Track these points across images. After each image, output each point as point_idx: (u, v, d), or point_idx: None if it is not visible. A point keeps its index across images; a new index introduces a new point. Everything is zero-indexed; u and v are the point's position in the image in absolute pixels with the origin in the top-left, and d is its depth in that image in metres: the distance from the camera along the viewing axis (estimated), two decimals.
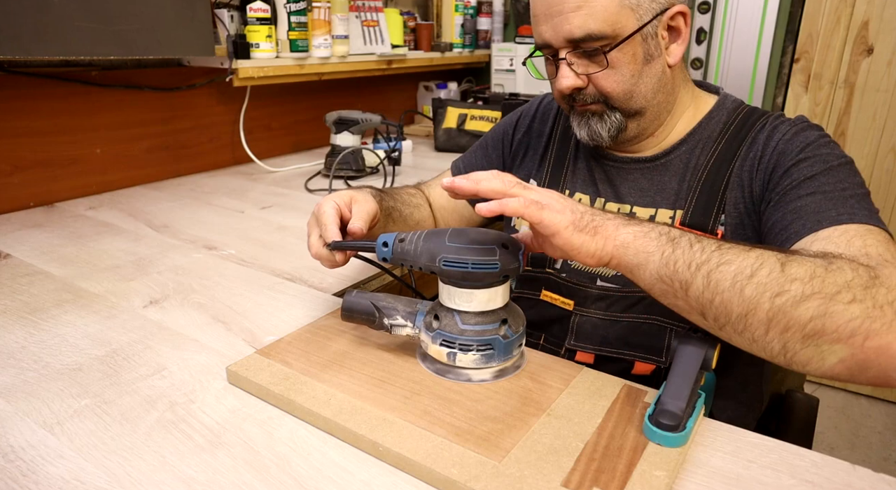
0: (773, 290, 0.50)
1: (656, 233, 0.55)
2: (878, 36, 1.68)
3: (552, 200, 0.56)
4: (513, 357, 0.63)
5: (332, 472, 0.51)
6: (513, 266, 0.59)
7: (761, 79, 1.84)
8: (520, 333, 0.63)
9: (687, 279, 0.53)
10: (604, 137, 0.77)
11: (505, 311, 0.62)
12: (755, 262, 0.51)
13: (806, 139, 0.70)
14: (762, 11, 1.79)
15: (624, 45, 0.71)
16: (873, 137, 1.75)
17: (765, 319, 0.50)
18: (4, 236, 1.05)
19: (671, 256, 0.54)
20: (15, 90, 1.17)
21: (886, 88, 1.70)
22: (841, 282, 0.49)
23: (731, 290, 0.51)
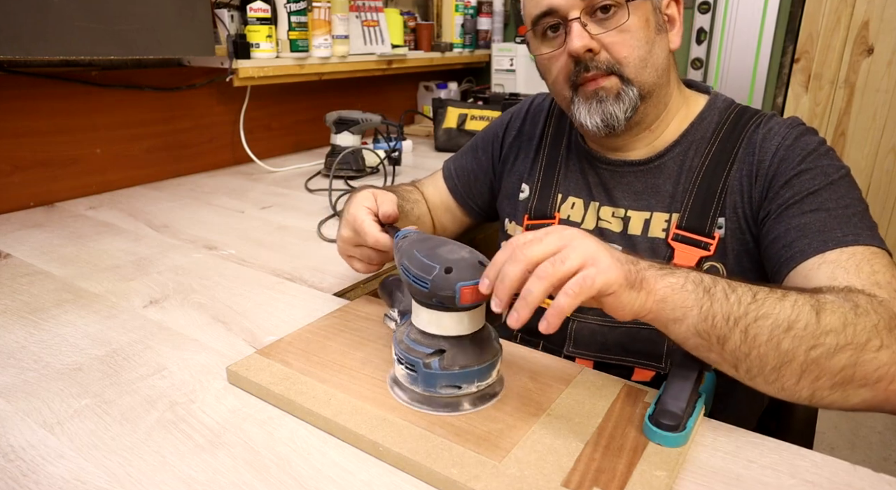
0: (809, 343, 0.50)
1: (692, 284, 0.53)
2: (879, 36, 1.68)
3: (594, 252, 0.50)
4: (440, 395, 0.56)
5: (332, 472, 0.51)
6: (443, 293, 0.53)
7: (761, 79, 1.84)
8: (454, 375, 0.56)
9: (725, 334, 0.51)
10: (620, 119, 0.72)
11: (448, 343, 0.56)
12: (791, 313, 0.51)
13: (806, 147, 0.69)
14: (762, 11, 1.79)
15: (639, 6, 0.70)
16: (873, 137, 1.75)
17: (798, 371, 0.51)
18: (4, 236, 1.05)
19: (710, 310, 0.52)
20: (15, 90, 1.17)
21: (886, 88, 1.70)
22: (870, 326, 0.50)
23: (767, 344, 0.51)
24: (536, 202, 0.87)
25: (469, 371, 0.56)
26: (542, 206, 0.86)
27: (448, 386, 0.56)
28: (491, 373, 0.58)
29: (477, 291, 0.53)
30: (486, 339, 0.58)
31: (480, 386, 0.57)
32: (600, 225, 0.80)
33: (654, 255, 0.76)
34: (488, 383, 0.58)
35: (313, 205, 1.29)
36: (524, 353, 0.68)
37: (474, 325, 0.57)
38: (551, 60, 0.75)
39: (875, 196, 1.77)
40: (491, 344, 0.58)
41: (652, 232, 0.76)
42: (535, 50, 0.77)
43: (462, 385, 0.56)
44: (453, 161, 1.01)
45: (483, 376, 0.57)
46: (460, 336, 0.57)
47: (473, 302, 0.54)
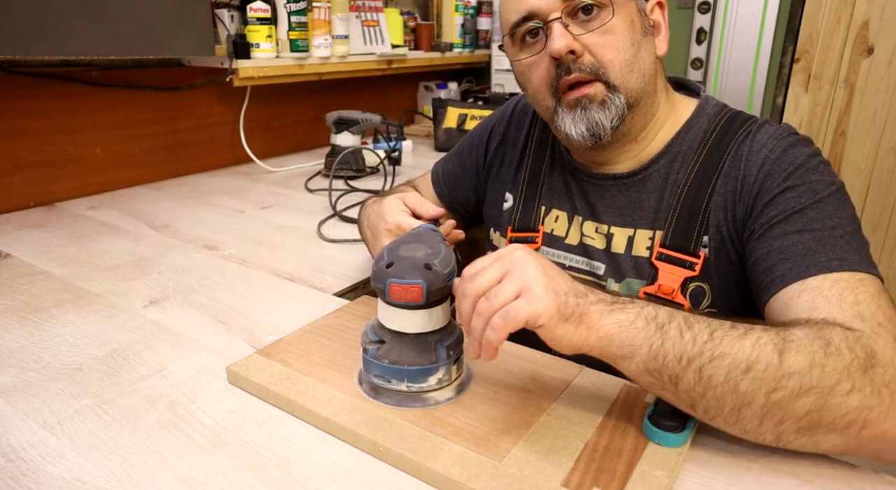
0: (769, 386, 0.47)
1: (643, 320, 0.50)
2: (879, 36, 1.68)
3: (527, 273, 0.50)
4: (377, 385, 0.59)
5: (332, 472, 0.51)
6: (377, 285, 0.56)
7: (761, 79, 1.84)
8: (382, 367, 0.58)
9: (677, 374, 0.49)
10: (606, 128, 0.68)
11: (389, 336, 0.58)
12: (751, 352, 0.48)
13: (794, 160, 0.65)
14: (762, 11, 1.79)
15: (624, 5, 0.67)
16: (873, 137, 1.75)
17: (759, 413, 0.48)
18: (4, 236, 1.05)
19: (660, 349, 0.49)
20: (15, 90, 1.17)
21: (887, 88, 1.70)
22: (840, 367, 0.47)
23: (724, 386, 0.48)
24: (520, 214, 0.84)
25: (398, 369, 0.57)
26: (525, 218, 0.83)
27: (378, 376, 0.58)
28: (427, 378, 0.57)
29: (407, 291, 0.54)
30: (429, 344, 0.58)
31: (412, 387, 0.57)
32: (584, 241, 0.78)
33: (638, 274, 0.73)
34: (422, 387, 0.58)
35: (313, 205, 1.29)
36: (524, 353, 0.68)
37: (417, 326, 0.57)
38: (531, 67, 0.71)
39: (875, 196, 1.77)
40: (433, 351, 0.58)
41: (636, 250, 0.73)
42: (514, 56, 0.73)
43: (392, 380, 0.58)
44: (441, 164, 0.99)
45: (414, 378, 0.57)
46: (403, 333, 0.58)
47: (402, 301, 0.55)
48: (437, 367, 0.58)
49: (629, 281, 0.74)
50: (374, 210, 0.81)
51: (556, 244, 0.80)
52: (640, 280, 0.73)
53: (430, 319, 0.57)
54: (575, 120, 0.69)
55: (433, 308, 0.57)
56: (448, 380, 0.59)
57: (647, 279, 0.72)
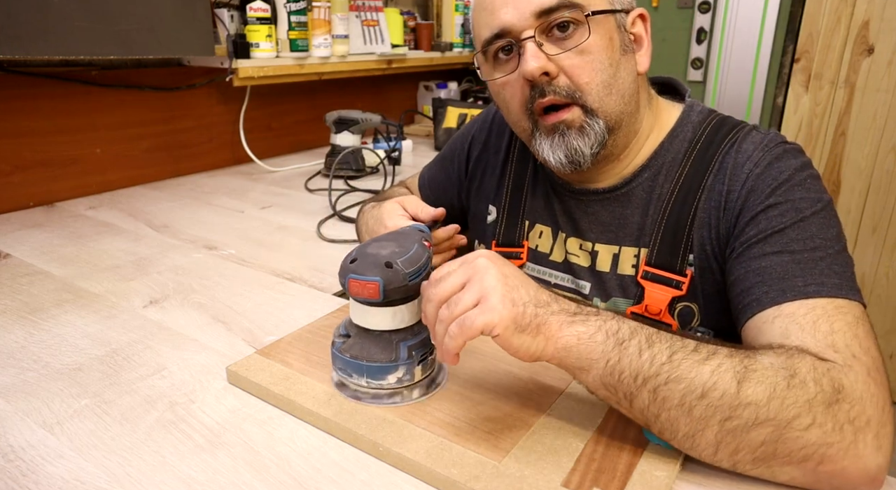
0: (723, 414, 0.46)
1: (603, 334, 0.49)
2: (879, 36, 1.68)
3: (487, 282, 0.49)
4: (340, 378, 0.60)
5: (332, 472, 0.51)
6: (341, 281, 0.57)
7: (761, 79, 1.84)
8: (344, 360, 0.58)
9: (632, 391, 0.48)
10: (585, 155, 0.65)
11: (355, 331, 0.59)
12: (709, 379, 0.46)
13: (779, 175, 0.62)
14: (762, 11, 1.79)
15: (601, 22, 0.63)
16: (873, 137, 1.75)
17: (713, 441, 0.47)
18: (4, 236, 1.05)
19: (616, 366, 0.48)
20: (15, 90, 1.17)
21: (887, 88, 1.70)
22: (802, 401, 0.46)
23: (678, 409, 0.47)
24: (504, 228, 0.82)
25: (357, 364, 0.58)
26: (509, 232, 0.81)
27: (341, 369, 0.59)
28: (386, 376, 0.57)
29: (363, 288, 0.55)
30: (391, 342, 0.58)
31: (371, 384, 0.58)
32: (569, 258, 0.76)
33: (624, 293, 0.71)
34: (381, 385, 0.58)
35: (313, 205, 1.29)
36: None
37: (379, 323, 0.58)
38: (504, 86, 0.67)
39: (875, 196, 1.77)
40: (393, 350, 0.58)
41: (621, 268, 0.71)
42: (487, 75, 0.70)
43: (352, 374, 0.58)
44: (427, 170, 0.97)
45: (373, 375, 0.57)
46: (367, 330, 0.58)
47: (360, 297, 0.56)
48: (396, 366, 0.58)
49: (615, 300, 0.72)
50: (372, 215, 0.80)
51: (541, 261, 0.79)
52: (626, 299, 0.71)
53: (394, 318, 0.58)
54: (553, 146, 0.66)
55: (396, 307, 0.57)
56: (410, 380, 0.58)
57: (633, 298, 0.71)
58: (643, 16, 0.69)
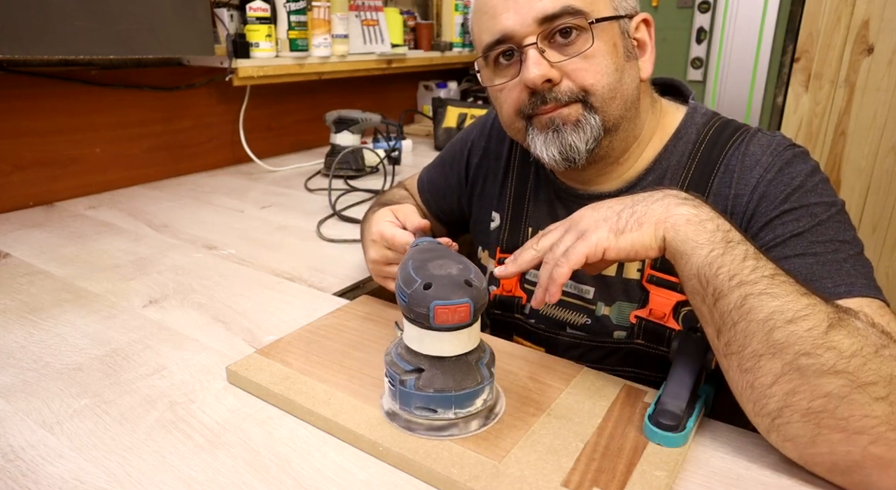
0: (803, 347, 0.44)
1: (714, 225, 0.49)
2: (879, 35, 1.68)
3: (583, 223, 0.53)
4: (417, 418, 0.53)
5: (332, 472, 0.51)
6: (418, 310, 0.50)
7: (761, 78, 1.84)
8: (428, 397, 0.52)
9: (722, 290, 0.47)
10: (581, 151, 0.64)
11: (427, 363, 0.53)
12: (802, 309, 0.45)
13: (791, 180, 0.61)
14: (762, 11, 1.79)
15: (605, 28, 0.62)
16: (873, 137, 1.74)
17: (778, 371, 0.45)
18: (4, 236, 1.05)
19: (717, 259, 0.48)
20: (15, 90, 1.17)
21: (887, 88, 1.70)
22: (884, 373, 0.43)
23: (760, 324, 0.46)
24: (508, 234, 0.81)
25: (446, 396, 0.52)
26: (513, 239, 0.81)
27: (422, 408, 0.53)
28: (473, 401, 0.53)
29: (454, 313, 0.49)
30: (471, 364, 0.53)
31: (459, 414, 0.53)
32: None
33: (628, 297, 0.71)
34: (470, 411, 0.53)
35: (313, 204, 1.29)
36: (524, 353, 0.67)
37: (458, 347, 0.52)
38: (503, 91, 0.67)
39: (875, 196, 1.77)
40: (476, 371, 0.53)
41: (627, 273, 0.71)
42: (487, 81, 0.69)
43: (437, 410, 0.52)
44: (426, 172, 0.96)
45: (462, 404, 0.53)
46: (442, 357, 0.53)
47: (449, 323, 0.50)
48: (482, 388, 0.53)
49: (620, 304, 0.72)
50: (368, 221, 0.79)
51: None
52: (630, 303, 0.71)
53: (471, 338, 0.53)
54: (546, 142, 0.65)
55: (473, 326, 0.53)
56: (491, 399, 0.55)
57: (637, 302, 0.70)
58: (647, 21, 0.68)
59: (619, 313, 0.72)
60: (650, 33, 0.69)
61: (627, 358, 0.72)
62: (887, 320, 0.52)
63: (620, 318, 0.72)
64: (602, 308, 0.73)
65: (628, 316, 0.71)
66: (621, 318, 0.71)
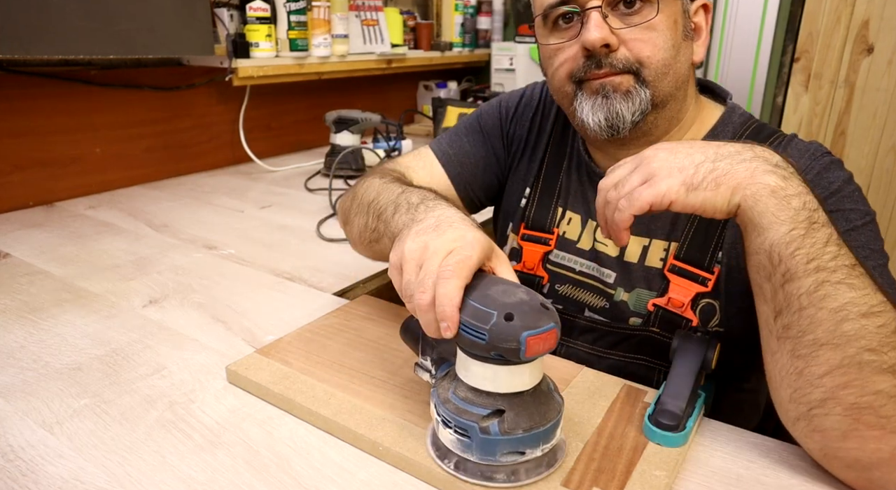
0: (869, 343, 0.43)
1: (800, 201, 0.46)
2: (879, 35, 1.68)
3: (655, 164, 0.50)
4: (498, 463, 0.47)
5: (332, 472, 0.50)
6: (505, 346, 0.43)
7: (761, 78, 1.84)
8: (517, 440, 0.46)
9: (797, 272, 0.45)
10: (626, 120, 0.64)
11: (506, 402, 0.47)
12: (877, 305, 0.44)
13: (830, 185, 0.61)
14: (762, 11, 1.79)
15: (669, 3, 0.62)
16: (873, 137, 1.74)
17: (836, 363, 0.44)
18: (4, 236, 1.05)
19: (796, 239, 0.45)
20: (15, 90, 1.17)
21: (887, 88, 1.70)
22: None
23: (831, 313, 0.44)
24: (535, 212, 0.80)
25: (535, 433, 0.47)
26: (540, 217, 0.80)
27: (510, 452, 0.47)
28: (556, 431, 0.48)
29: (545, 341, 0.44)
30: (547, 391, 0.49)
31: (545, 449, 0.48)
32: (597, 247, 0.75)
33: (648, 285, 0.71)
34: (553, 444, 0.49)
35: (313, 204, 1.28)
36: None
37: (535, 377, 0.48)
38: (557, 52, 0.67)
39: (875, 196, 1.77)
40: (553, 397, 0.49)
41: (649, 261, 0.71)
42: (543, 39, 0.68)
43: (526, 450, 0.47)
44: (449, 145, 0.86)
45: (548, 437, 0.48)
46: (521, 392, 0.47)
47: (540, 353, 0.45)
48: (559, 418, 0.49)
49: (639, 291, 0.72)
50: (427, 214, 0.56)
51: (568, 248, 0.78)
52: (650, 291, 0.71)
53: (542, 363, 0.49)
54: (594, 107, 0.65)
55: None
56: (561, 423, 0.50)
57: (657, 291, 0.70)
58: (707, 6, 0.69)
59: (638, 300, 0.72)
60: (707, 20, 0.69)
61: (641, 346, 0.72)
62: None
63: (638, 305, 0.72)
64: (621, 293, 0.73)
65: (646, 303, 0.71)
66: (639, 305, 0.71)
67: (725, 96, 0.75)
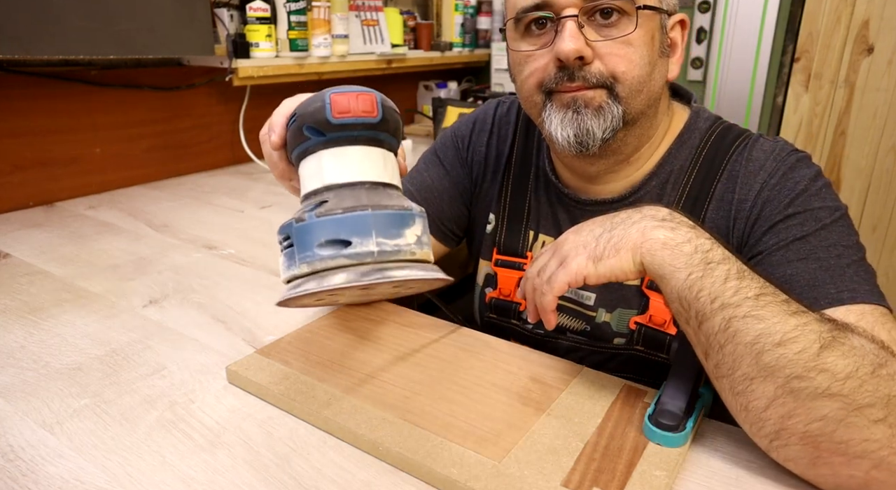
0: (794, 371, 0.43)
1: (691, 247, 0.47)
2: (879, 35, 1.68)
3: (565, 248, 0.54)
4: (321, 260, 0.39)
5: (332, 472, 0.50)
6: (312, 107, 0.40)
7: (761, 78, 1.84)
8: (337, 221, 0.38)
9: (705, 313, 0.46)
10: (596, 138, 0.62)
11: (333, 193, 0.40)
12: (791, 330, 0.43)
13: (795, 185, 0.61)
14: (762, 11, 1.79)
15: (649, 17, 0.60)
16: (873, 137, 1.74)
17: (771, 394, 0.44)
18: (4, 236, 1.05)
19: (697, 282, 0.46)
20: (15, 90, 1.17)
21: (887, 88, 1.70)
22: (882, 393, 0.42)
23: (747, 347, 0.44)
24: (505, 237, 0.78)
25: (360, 216, 0.38)
26: (511, 241, 0.78)
27: (331, 242, 0.39)
28: (402, 231, 0.40)
29: (354, 99, 0.40)
30: (393, 192, 0.43)
31: (385, 245, 0.39)
32: None
33: (628, 304, 0.71)
34: (398, 245, 0.40)
35: None
36: (524, 353, 0.67)
37: (370, 172, 0.41)
38: (529, 59, 0.63)
39: (875, 196, 1.77)
40: (402, 199, 0.43)
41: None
42: (514, 44, 0.65)
43: (352, 239, 0.39)
44: (410, 182, 0.83)
45: (388, 231, 0.39)
46: (351, 183, 0.41)
47: (350, 116, 0.40)
48: (412, 215, 0.41)
49: (621, 310, 0.71)
50: None
51: None
52: (630, 310, 0.70)
53: (387, 167, 0.43)
54: (563, 122, 0.62)
55: (388, 152, 0.43)
56: (427, 242, 0.43)
57: (638, 309, 0.70)
58: (683, 22, 0.67)
59: (620, 320, 0.71)
60: (683, 36, 0.67)
61: (626, 364, 0.72)
62: (889, 329, 0.51)
63: (620, 325, 0.71)
64: (603, 314, 0.72)
65: (628, 322, 0.70)
66: (621, 324, 0.71)
67: (689, 98, 0.73)
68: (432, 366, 0.64)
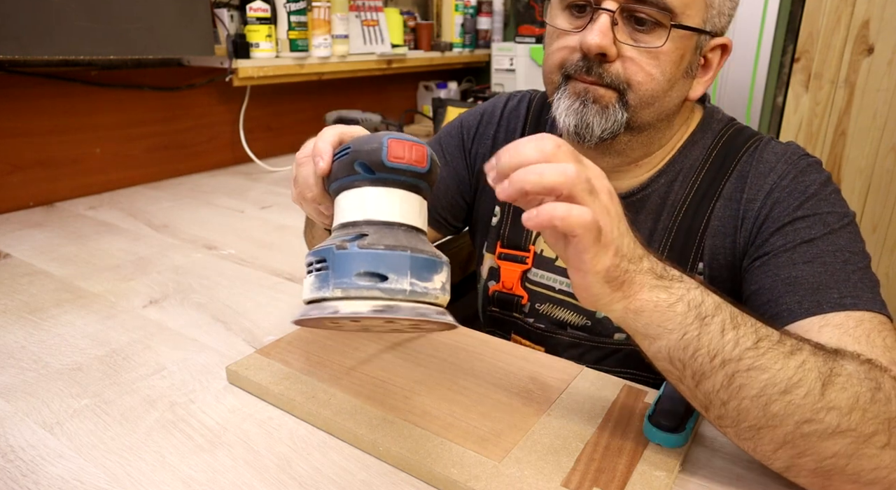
0: (803, 416, 0.43)
1: (684, 305, 0.45)
2: (879, 35, 1.68)
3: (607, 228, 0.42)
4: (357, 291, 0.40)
5: (332, 472, 0.50)
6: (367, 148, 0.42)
7: (761, 79, 1.84)
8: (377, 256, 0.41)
9: (704, 372, 0.45)
10: (594, 134, 0.63)
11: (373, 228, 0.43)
12: (794, 374, 0.43)
13: (807, 189, 0.60)
14: (762, 11, 1.79)
15: (683, 37, 0.60)
16: (873, 137, 1.74)
17: (780, 440, 0.44)
18: (4, 236, 1.05)
19: (694, 341, 0.44)
20: (15, 90, 1.17)
21: (887, 88, 1.70)
22: (883, 418, 0.43)
23: (754, 400, 0.44)
24: (509, 230, 0.78)
25: (401, 255, 0.41)
26: (515, 234, 0.78)
27: (369, 274, 0.40)
28: (432, 276, 0.42)
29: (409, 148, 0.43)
30: (424, 237, 0.45)
31: (416, 286, 0.41)
32: None
33: None
34: (426, 288, 0.41)
35: None
36: (524, 353, 0.67)
37: (409, 215, 0.44)
38: (560, 36, 0.64)
39: (875, 196, 1.77)
40: (434, 250, 0.45)
41: None
42: (551, 19, 0.65)
43: (389, 275, 0.40)
44: None
45: (420, 273, 0.41)
46: (390, 222, 0.44)
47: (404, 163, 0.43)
48: (442, 264, 0.43)
49: None
50: None
51: (547, 266, 0.77)
52: None
53: (422, 214, 0.46)
54: (569, 110, 0.63)
55: (424, 200, 0.46)
56: (448, 290, 0.44)
57: None
58: (726, 47, 0.65)
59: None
60: (722, 60, 0.66)
61: (627, 360, 0.72)
62: (884, 336, 0.51)
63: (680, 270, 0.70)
64: None
65: None
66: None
67: (704, 98, 0.73)
68: (433, 366, 0.64)
